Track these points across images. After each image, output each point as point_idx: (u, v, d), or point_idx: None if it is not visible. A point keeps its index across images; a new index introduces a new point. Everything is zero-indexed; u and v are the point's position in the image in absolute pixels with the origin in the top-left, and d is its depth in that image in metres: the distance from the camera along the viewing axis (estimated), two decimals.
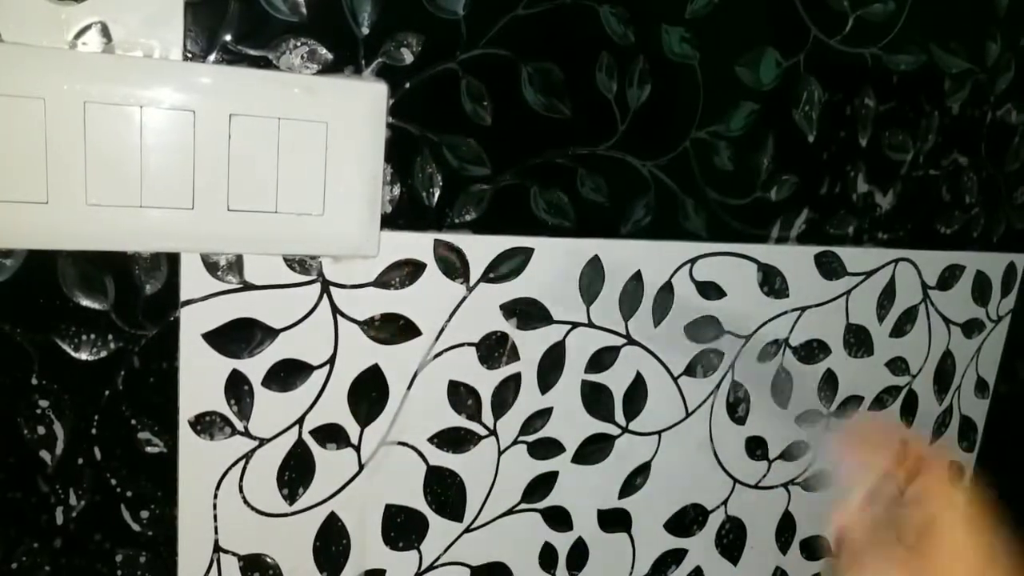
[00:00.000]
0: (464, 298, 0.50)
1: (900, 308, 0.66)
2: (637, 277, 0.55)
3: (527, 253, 0.51)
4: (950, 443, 0.74)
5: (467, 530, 0.54)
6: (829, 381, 0.65)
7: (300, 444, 0.48)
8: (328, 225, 0.45)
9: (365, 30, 0.44)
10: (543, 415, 0.54)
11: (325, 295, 0.47)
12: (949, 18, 0.61)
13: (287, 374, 0.47)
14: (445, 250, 0.49)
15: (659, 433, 0.59)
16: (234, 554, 0.48)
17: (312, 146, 0.43)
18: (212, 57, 0.41)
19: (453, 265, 0.49)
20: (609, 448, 0.57)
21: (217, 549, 0.47)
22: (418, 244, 0.48)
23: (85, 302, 0.42)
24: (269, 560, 0.49)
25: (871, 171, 0.61)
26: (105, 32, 0.39)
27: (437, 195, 0.48)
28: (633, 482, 0.59)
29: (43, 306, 0.41)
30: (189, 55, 0.41)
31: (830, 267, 0.62)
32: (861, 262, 0.63)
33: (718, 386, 0.60)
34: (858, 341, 0.65)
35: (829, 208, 0.60)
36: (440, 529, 0.53)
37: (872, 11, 0.57)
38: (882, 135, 0.61)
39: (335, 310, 0.47)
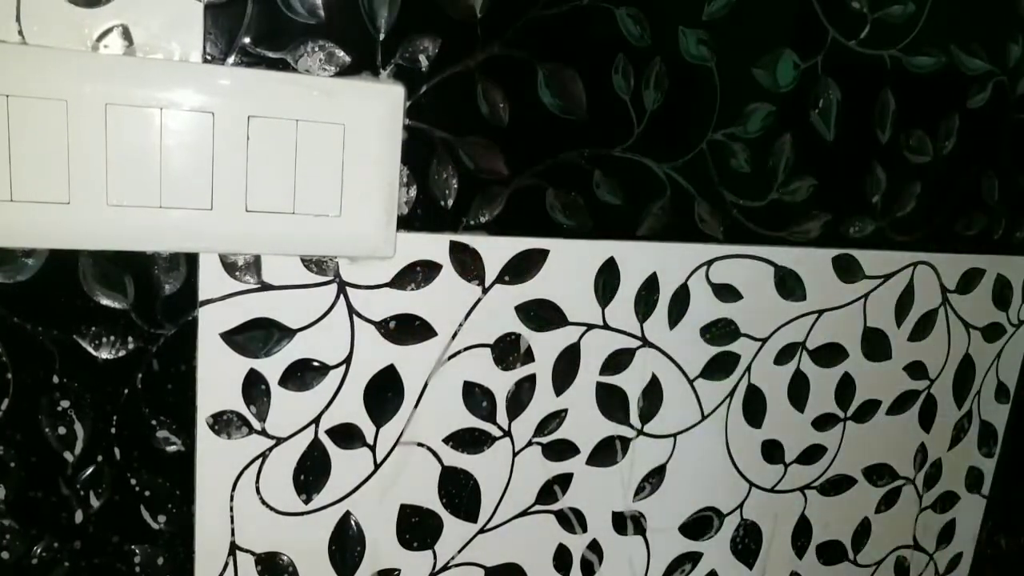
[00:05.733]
0: (479, 299, 0.50)
1: (919, 312, 0.66)
2: (653, 279, 0.55)
3: (542, 255, 0.51)
4: (969, 449, 0.73)
5: (481, 531, 0.54)
6: (846, 385, 0.65)
7: (316, 443, 0.48)
8: (345, 226, 0.45)
9: (382, 33, 0.44)
10: (558, 416, 0.54)
11: (342, 296, 0.47)
12: (969, 20, 0.60)
13: (303, 374, 0.47)
14: (461, 251, 0.49)
15: (674, 436, 0.59)
16: (250, 552, 0.48)
17: (329, 148, 0.43)
18: (231, 60, 0.42)
19: (468, 266, 0.49)
20: (624, 450, 0.57)
21: (233, 547, 0.48)
22: (434, 245, 0.48)
23: (105, 301, 0.42)
24: (285, 558, 0.49)
25: (890, 173, 0.61)
26: (127, 35, 0.40)
27: (453, 197, 0.48)
28: (648, 484, 0.59)
29: (64, 305, 0.42)
30: (209, 58, 0.41)
31: (848, 270, 0.61)
32: (879, 265, 0.63)
33: (734, 389, 0.60)
34: (876, 345, 0.65)
35: (847, 210, 0.60)
36: (455, 530, 0.53)
37: (891, 13, 0.57)
38: (901, 137, 0.60)
39: (351, 310, 0.47)
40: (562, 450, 0.55)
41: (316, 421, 0.48)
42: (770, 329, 0.60)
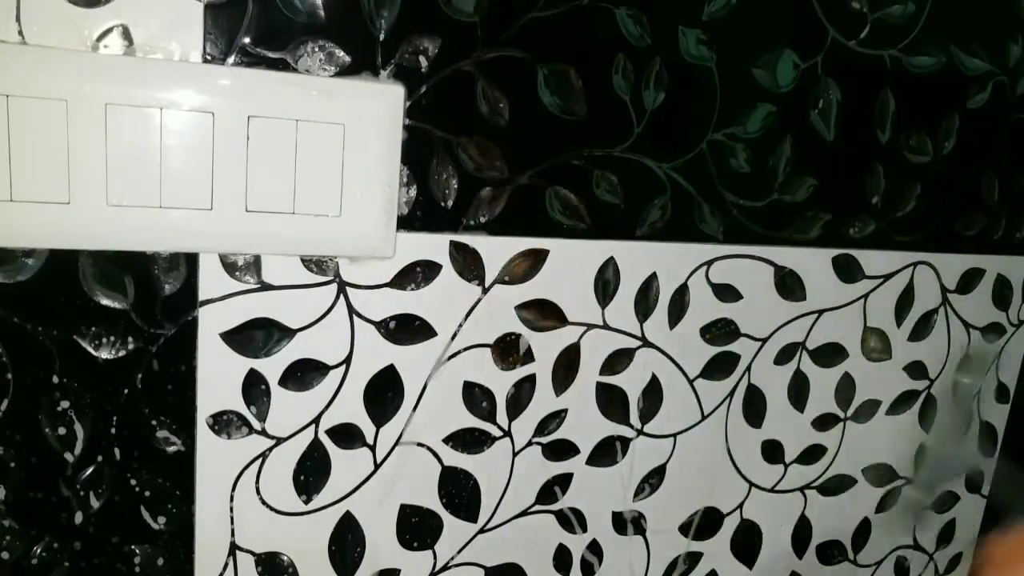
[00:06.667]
0: (479, 299, 0.50)
1: (919, 312, 0.66)
2: (653, 279, 0.55)
3: (542, 255, 0.51)
4: (969, 449, 0.73)
5: (481, 531, 0.54)
6: (846, 385, 0.65)
7: (316, 444, 0.48)
8: (345, 226, 0.45)
9: (382, 33, 0.44)
10: (558, 416, 0.54)
11: (342, 295, 0.47)
12: (969, 20, 0.60)
13: (303, 374, 0.47)
14: (461, 251, 0.49)
15: (674, 436, 0.59)
16: (250, 552, 0.48)
17: (329, 148, 0.43)
18: (231, 59, 0.42)
19: (468, 266, 0.49)
20: (624, 450, 0.57)
21: (233, 547, 0.48)
22: (434, 245, 0.48)
23: (105, 301, 0.42)
24: (285, 559, 0.49)
25: (889, 173, 0.61)
26: (126, 35, 0.40)
27: (453, 197, 0.48)
28: (648, 485, 0.59)
29: (64, 305, 0.42)
30: (208, 58, 0.41)
31: (848, 270, 0.61)
32: (879, 265, 0.63)
33: (734, 389, 0.60)
34: (876, 344, 0.65)
35: (847, 210, 0.60)
36: (455, 530, 0.53)
37: (891, 13, 0.57)
38: (901, 137, 0.60)
39: (351, 310, 0.47)
40: (562, 450, 0.55)
41: (316, 421, 0.48)
42: (770, 329, 0.60)
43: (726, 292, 0.57)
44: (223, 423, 0.46)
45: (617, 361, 0.55)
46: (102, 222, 0.40)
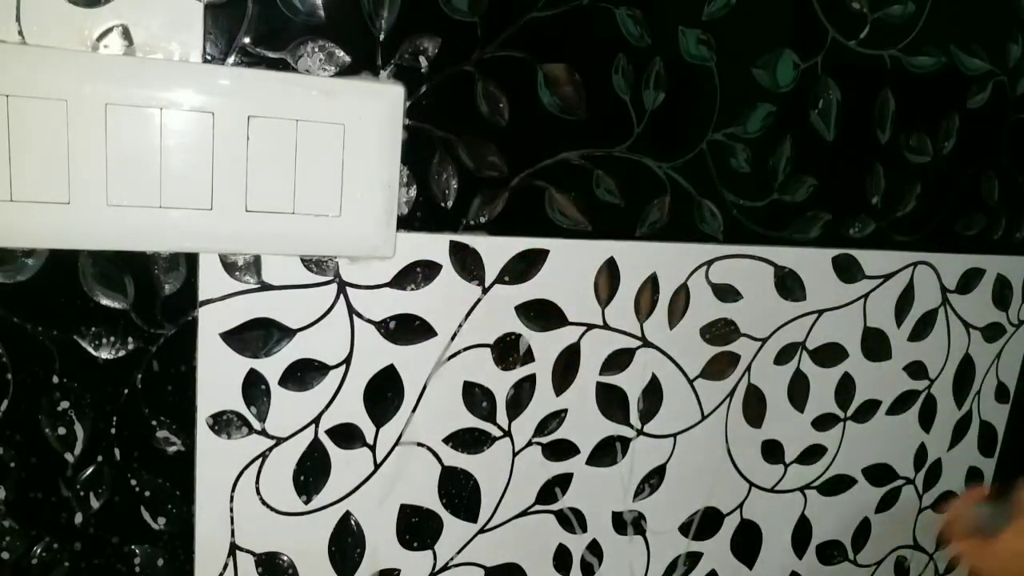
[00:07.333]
0: (479, 299, 0.50)
1: (919, 312, 0.66)
2: (653, 279, 0.55)
3: (543, 255, 0.51)
4: (969, 449, 0.73)
5: (481, 531, 0.54)
6: (846, 385, 0.64)
7: (316, 444, 0.48)
8: (345, 226, 0.45)
9: (382, 33, 0.44)
10: (558, 416, 0.54)
11: (342, 295, 0.47)
12: (970, 20, 0.60)
13: (303, 374, 0.47)
14: (461, 251, 0.49)
15: (674, 436, 0.59)
16: (250, 552, 0.48)
17: (329, 148, 0.43)
18: (231, 60, 0.42)
19: (468, 266, 0.49)
20: (624, 450, 0.57)
21: (233, 548, 0.48)
22: (434, 245, 0.48)
23: (105, 301, 0.42)
24: (285, 559, 0.49)
25: (889, 173, 0.61)
26: (127, 35, 0.40)
27: (453, 196, 0.48)
28: (648, 485, 0.59)
29: (64, 305, 0.42)
30: (208, 58, 0.41)
31: (848, 270, 0.61)
32: (879, 265, 0.63)
33: (734, 389, 0.60)
34: (876, 345, 0.65)
35: (847, 210, 0.60)
36: (455, 530, 0.53)
37: (891, 13, 0.57)
38: (901, 137, 0.60)
39: (351, 310, 0.47)
40: (562, 450, 0.55)
41: (316, 421, 0.48)
42: (770, 329, 0.60)
43: (726, 292, 0.57)
44: (223, 423, 0.46)
45: (617, 361, 0.55)
46: (102, 222, 0.40)
